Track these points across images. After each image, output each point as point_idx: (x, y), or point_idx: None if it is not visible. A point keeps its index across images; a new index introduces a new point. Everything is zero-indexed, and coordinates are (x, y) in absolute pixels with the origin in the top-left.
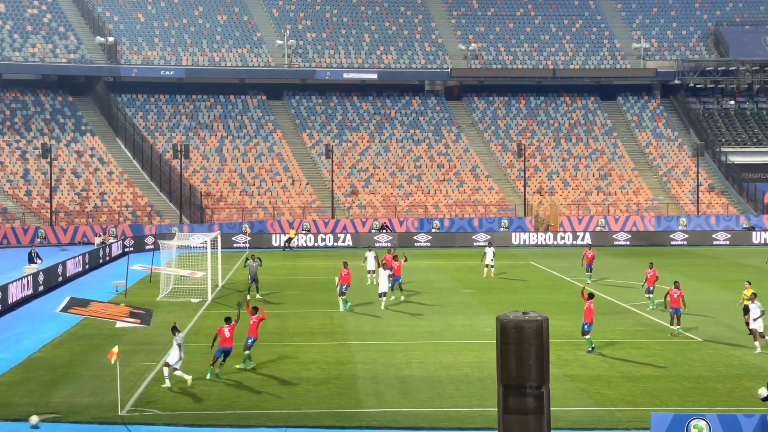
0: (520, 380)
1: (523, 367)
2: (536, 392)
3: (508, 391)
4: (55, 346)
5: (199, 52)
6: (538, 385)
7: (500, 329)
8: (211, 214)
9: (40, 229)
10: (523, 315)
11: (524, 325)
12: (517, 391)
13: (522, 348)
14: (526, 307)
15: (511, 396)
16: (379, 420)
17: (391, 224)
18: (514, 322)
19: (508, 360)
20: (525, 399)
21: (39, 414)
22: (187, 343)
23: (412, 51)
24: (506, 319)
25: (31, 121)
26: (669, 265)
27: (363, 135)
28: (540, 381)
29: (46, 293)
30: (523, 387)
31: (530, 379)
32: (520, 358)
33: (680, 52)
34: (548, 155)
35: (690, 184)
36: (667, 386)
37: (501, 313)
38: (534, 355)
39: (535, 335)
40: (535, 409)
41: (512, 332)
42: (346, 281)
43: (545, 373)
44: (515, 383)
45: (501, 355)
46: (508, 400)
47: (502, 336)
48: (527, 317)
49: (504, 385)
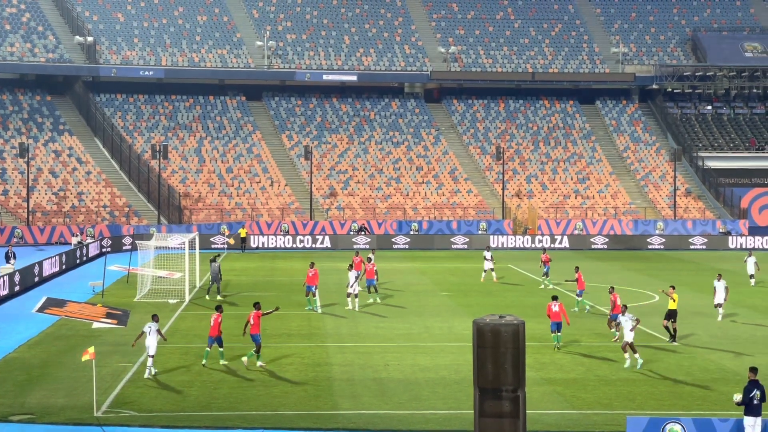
0: (496, 384)
1: (499, 371)
2: (512, 396)
3: (484, 394)
4: (31, 347)
5: (179, 52)
6: (514, 389)
7: (477, 333)
8: (189, 215)
9: (17, 228)
10: (499, 318)
11: (501, 328)
12: (493, 395)
13: (498, 352)
14: (504, 311)
15: (488, 399)
16: (355, 422)
17: (370, 226)
18: (490, 326)
19: (485, 363)
20: (501, 402)
21: (14, 415)
22: (162, 345)
23: (391, 53)
24: (483, 323)
25: (9, 121)
26: (645, 269)
27: (342, 137)
28: (516, 384)
29: (22, 293)
30: (499, 390)
31: (506, 383)
32: (497, 361)
33: (658, 57)
34: (527, 158)
35: (667, 189)
36: (643, 390)
37: (478, 315)
38: (510, 358)
39: (512, 339)
40: (511, 413)
41: (489, 336)
42: (313, 282)
43: (521, 376)
44: (491, 386)
45: (477, 358)
46: (484, 403)
47: (478, 339)
48: (504, 321)
49: (480, 389)
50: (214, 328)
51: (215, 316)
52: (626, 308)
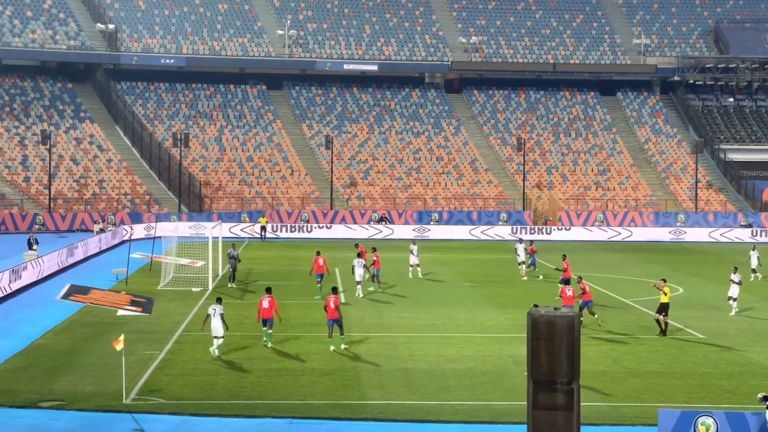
0: (551, 376)
1: (554, 363)
2: (566, 388)
3: (538, 386)
4: (57, 333)
5: (200, 40)
6: (569, 381)
7: (531, 324)
8: (209, 203)
9: (39, 215)
10: (554, 310)
11: (556, 320)
12: (547, 387)
13: (553, 344)
14: (528, 301)
15: (541, 391)
16: (384, 412)
17: (390, 216)
18: (545, 318)
19: (539, 355)
20: (555, 395)
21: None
22: (188, 333)
23: (412, 43)
24: (537, 315)
25: (30, 108)
26: (667, 261)
27: (362, 126)
28: (570, 377)
29: (45, 280)
30: (554, 383)
31: (561, 375)
32: (551, 353)
33: (680, 48)
34: (547, 150)
35: (688, 181)
36: (671, 383)
37: (503, 306)
38: (565, 350)
39: (567, 331)
40: (565, 405)
41: (543, 327)
42: (320, 271)
43: (576, 369)
44: (545, 379)
45: (532, 350)
46: (537, 395)
47: (533, 331)
48: (559, 313)
49: (534, 381)
50: (267, 311)
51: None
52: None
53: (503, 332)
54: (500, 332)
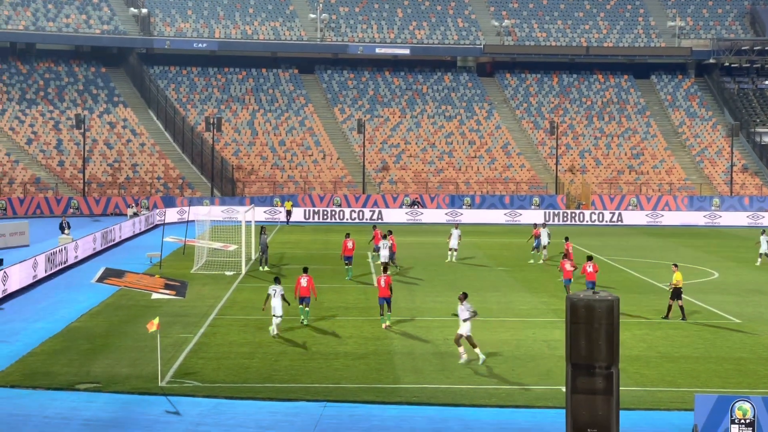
0: (590, 360)
1: (592, 347)
2: (605, 372)
3: (576, 370)
4: (93, 316)
5: (232, 24)
6: (608, 365)
7: (570, 308)
8: (242, 188)
9: (73, 199)
10: (593, 294)
11: (595, 304)
12: (587, 371)
13: (592, 327)
14: (561, 286)
15: (580, 375)
16: (418, 396)
17: (422, 200)
18: (584, 302)
19: (578, 339)
20: (594, 379)
21: (81, 383)
22: (222, 316)
23: (444, 27)
24: (576, 298)
25: (65, 92)
26: (702, 245)
27: (395, 110)
28: (609, 361)
29: (80, 264)
30: (593, 367)
31: (600, 359)
32: (590, 337)
33: (716, 30)
34: (580, 133)
35: (723, 165)
36: (707, 367)
37: (537, 291)
38: (604, 334)
39: (606, 315)
40: (605, 389)
41: (582, 311)
42: (348, 253)
43: (615, 353)
44: (584, 363)
45: (570, 334)
46: (576, 379)
47: (572, 315)
48: (598, 297)
49: (573, 365)
50: (304, 289)
51: (305, 278)
52: (466, 296)
53: (537, 317)
54: (534, 316)
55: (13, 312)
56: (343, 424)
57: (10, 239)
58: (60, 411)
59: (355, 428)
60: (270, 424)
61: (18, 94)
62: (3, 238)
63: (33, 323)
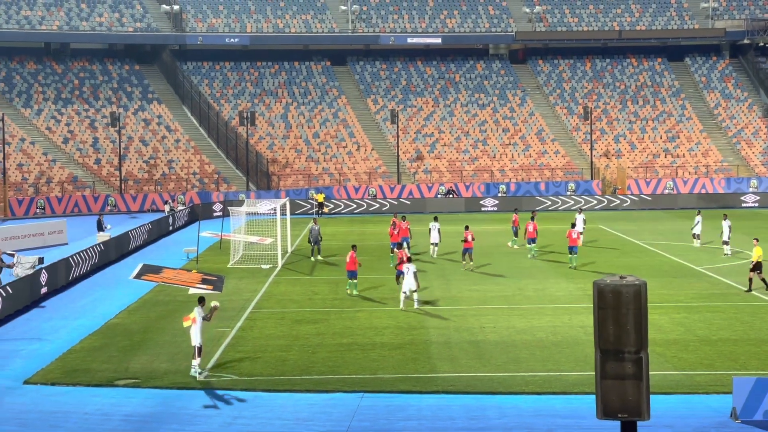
0: (618, 345)
1: (621, 332)
2: (635, 357)
3: (605, 355)
4: (131, 313)
5: (263, 19)
6: (637, 350)
7: (597, 293)
8: (277, 181)
9: (110, 197)
10: (620, 279)
11: (622, 289)
12: (615, 356)
13: (620, 312)
14: (597, 272)
15: (609, 361)
16: (455, 384)
17: (457, 189)
18: (611, 287)
19: (606, 325)
20: (623, 364)
21: (120, 379)
22: (259, 309)
23: (476, 15)
24: (603, 284)
25: (99, 90)
26: (740, 227)
27: (427, 100)
28: (638, 346)
29: (118, 260)
30: (622, 352)
31: (628, 344)
32: (618, 323)
33: (749, 11)
34: (614, 118)
35: (760, 146)
36: (745, 350)
37: (571, 276)
38: (632, 319)
39: (633, 300)
40: (634, 375)
41: (610, 296)
42: (396, 239)
43: (644, 338)
44: (613, 348)
45: (598, 320)
46: (605, 364)
47: (599, 300)
48: (625, 281)
49: (601, 350)
50: (351, 263)
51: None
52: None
53: (573, 303)
54: (570, 303)
55: (53, 310)
56: (380, 415)
57: (49, 238)
58: (100, 407)
59: (392, 418)
60: (308, 416)
61: (54, 94)
62: (42, 237)
63: (72, 321)
